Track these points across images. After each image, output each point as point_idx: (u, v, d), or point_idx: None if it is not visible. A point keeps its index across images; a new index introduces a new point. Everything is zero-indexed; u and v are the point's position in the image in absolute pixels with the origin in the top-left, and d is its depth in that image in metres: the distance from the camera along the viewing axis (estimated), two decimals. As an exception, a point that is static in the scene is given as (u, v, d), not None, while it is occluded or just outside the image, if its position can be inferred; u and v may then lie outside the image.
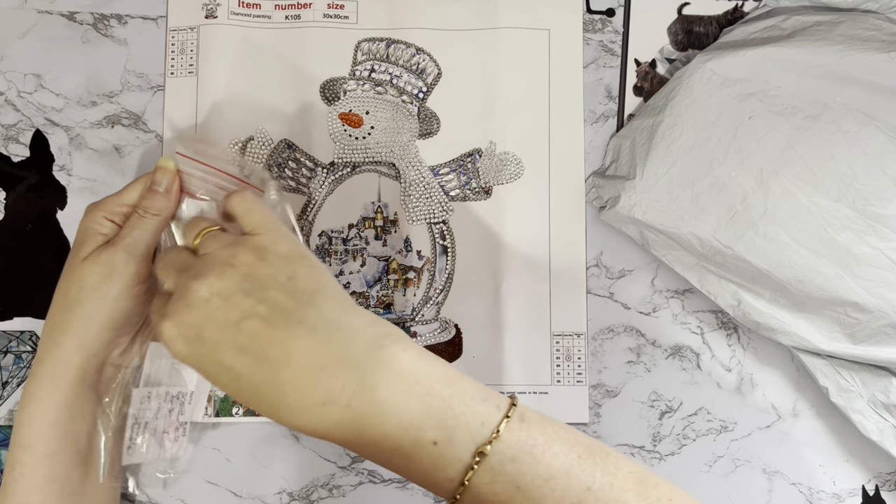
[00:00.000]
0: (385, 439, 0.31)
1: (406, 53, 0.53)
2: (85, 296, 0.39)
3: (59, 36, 0.52)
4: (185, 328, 0.32)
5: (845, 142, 0.44)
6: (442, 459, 0.31)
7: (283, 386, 0.31)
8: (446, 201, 0.52)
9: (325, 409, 0.31)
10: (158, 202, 0.41)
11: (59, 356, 0.40)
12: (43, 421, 0.40)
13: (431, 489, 0.32)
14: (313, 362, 0.31)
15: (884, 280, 0.44)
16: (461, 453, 0.31)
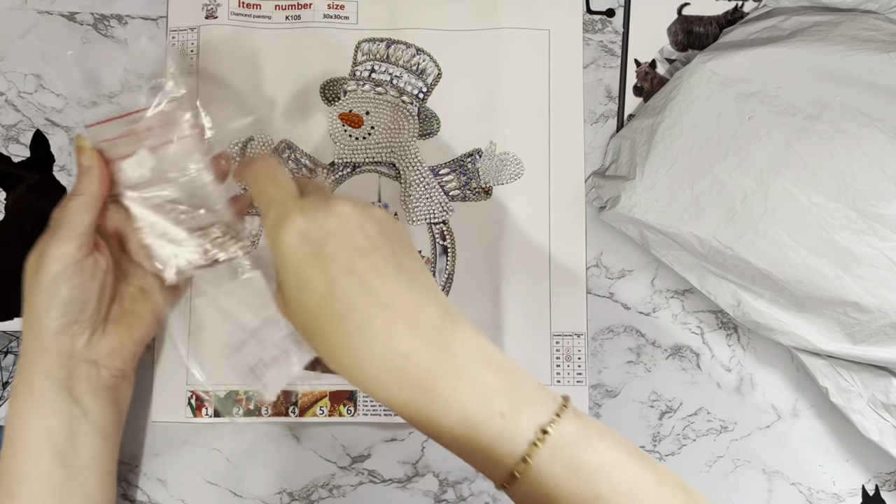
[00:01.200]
0: (455, 407, 0.31)
1: (406, 54, 0.53)
2: (27, 287, 0.40)
3: (60, 36, 0.52)
4: (315, 227, 0.33)
5: (845, 142, 0.44)
6: (508, 432, 0.31)
7: (374, 324, 0.31)
8: (446, 201, 0.52)
9: (404, 361, 0.31)
10: (80, 181, 0.40)
11: (23, 351, 0.41)
12: (20, 416, 0.40)
13: (489, 467, 0.32)
14: (409, 314, 0.32)
15: (884, 280, 0.44)
16: (525, 430, 0.31)
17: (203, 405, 0.50)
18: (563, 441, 0.32)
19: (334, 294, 0.32)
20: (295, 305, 0.33)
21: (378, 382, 0.32)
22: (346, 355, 0.32)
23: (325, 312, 0.32)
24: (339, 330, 0.32)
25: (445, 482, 0.50)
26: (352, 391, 0.50)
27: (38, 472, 0.40)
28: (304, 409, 0.50)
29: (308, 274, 0.32)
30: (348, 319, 0.32)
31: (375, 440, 0.51)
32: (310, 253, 0.32)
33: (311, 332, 0.33)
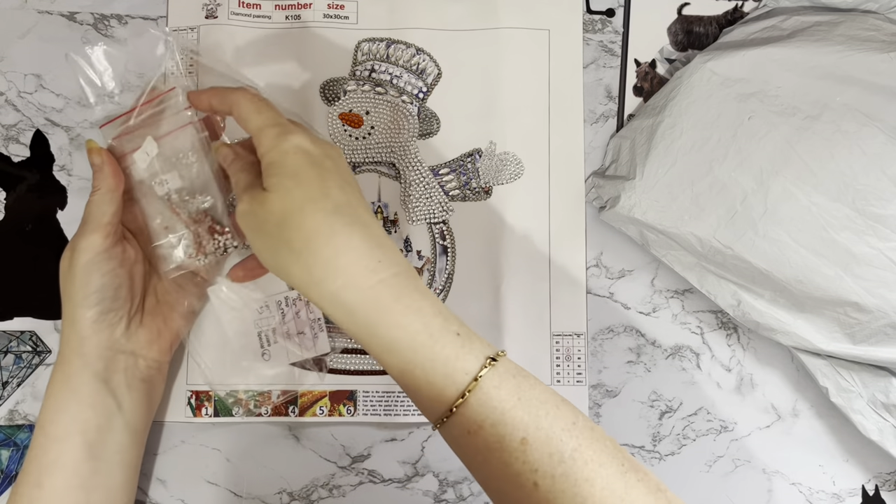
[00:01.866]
0: (417, 317, 0.34)
1: (406, 53, 0.53)
2: (63, 282, 0.42)
3: (60, 36, 0.52)
4: (316, 146, 0.38)
5: (845, 142, 0.44)
6: (463, 350, 0.34)
7: (357, 231, 0.35)
8: (446, 201, 0.52)
9: (377, 265, 0.35)
10: (95, 179, 0.42)
11: (63, 342, 0.42)
12: (54, 404, 0.41)
13: (437, 390, 0.34)
14: (384, 238, 0.37)
15: (884, 280, 0.44)
16: (476, 352, 0.34)
17: (203, 405, 0.50)
18: (508, 371, 0.34)
19: (328, 195, 0.36)
20: (283, 193, 0.36)
21: (345, 279, 0.34)
22: (320, 249, 0.35)
23: (315, 205, 0.35)
24: (324, 224, 0.35)
25: (445, 482, 0.50)
26: (352, 391, 0.50)
27: (67, 463, 0.41)
28: (303, 409, 0.50)
29: (306, 174, 0.36)
30: (335, 217, 0.35)
31: (375, 440, 0.51)
32: (310, 161, 0.37)
33: (289, 220, 0.35)
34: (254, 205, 0.37)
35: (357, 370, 0.51)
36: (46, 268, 0.50)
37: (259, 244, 0.37)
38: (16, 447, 0.49)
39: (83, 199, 0.50)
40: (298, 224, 0.35)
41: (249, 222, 0.37)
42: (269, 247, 0.36)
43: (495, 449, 0.33)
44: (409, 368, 0.34)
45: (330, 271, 0.35)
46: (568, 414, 0.33)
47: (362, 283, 0.35)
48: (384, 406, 0.50)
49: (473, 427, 0.33)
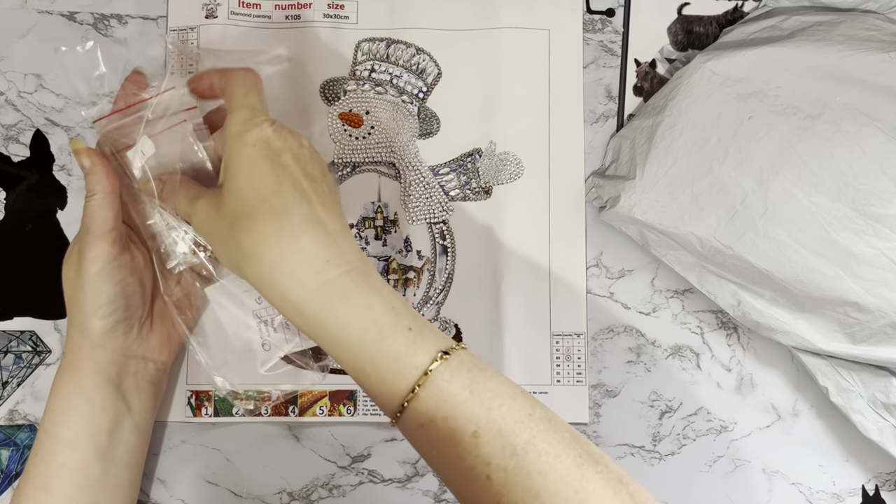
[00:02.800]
0: (367, 313, 0.34)
1: (406, 53, 0.53)
2: (69, 289, 0.41)
3: (59, 36, 0.52)
4: (278, 139, 0.36)
5: (845, 142, 0.44)
6: (413, 345, 0.34)
7: (307, 230, 0.34)
8: (446, 201, 0.52)
9: (325, 265, 0.34)
10: (88, 183, 0.41)
11: (71, 348, 0.42)
12: (62, 407, 0.41)
13: (389, 384, 0.34)
14: (340, 234, 0.36)
15: (884, 280, 0.44)
16: (428, 347, 0.34)
17: (203, 405, 0.50)
18: (461, 364, 0.34)
19: (280, 193, 0.35)
20: (235, 194, 0.35)
21: (291, 282, 0.34)
22: (267, 252, 0.34)
23: (264, 205, 0.34)
24: (271, 226, 0.34)
25: (445, 482, 0.50)
26: (352, 391, 0.50)
27: (76, 466, 0.40)
28: (303, 408, 0.50)
29: (261, 169, 0.35)
30: (283, 218, 0.34)
31: (375, 440, 0.51)
32: (267, 155, 0.35)
33: (239, 222, 0.35)
34: (209, 210, 0.36)
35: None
36: (46, 268, 0.50)
37: (216, 248, 0.37)
38: (16, 447, 0.49)
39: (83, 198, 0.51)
40: (247, 227, 0.34)
41: (206, 228, 0.37)
42: (224, 251, 0.36)
43: (447, 442, 0.32)
44: (360, 365, 0.34)
45: (277, 274, 0.34)
46: (524, 406, 0.33)
47: (309, 284, 0.34)
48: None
49: (425, 421, 0.33)
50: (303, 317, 0.35)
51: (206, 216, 0.37)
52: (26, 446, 0.49)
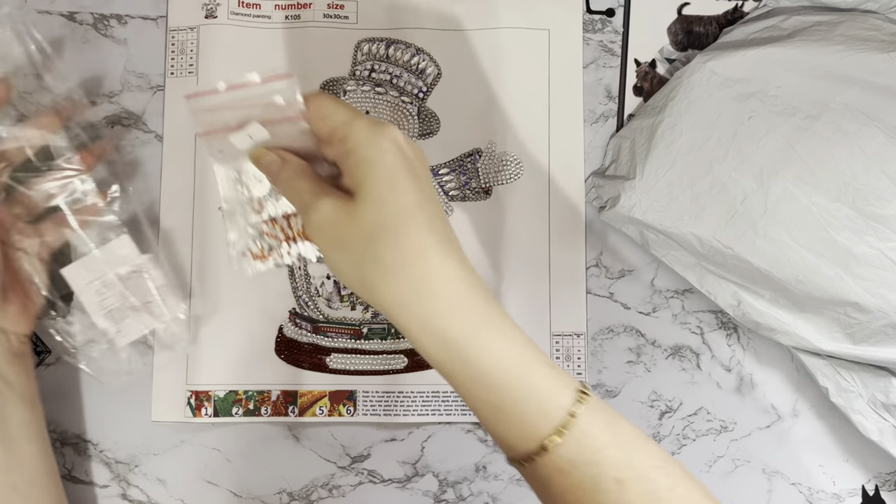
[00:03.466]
0: (512, 342, 0.32)
1: (406, 53, 0.53)
2: None
3: (59, 36, 0.52)
4: (409, 147, 0.34)
5: (845, 142, 0.44)
6: (556, 383, 0.32)
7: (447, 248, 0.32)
8: (446, 201, 0.52)
9: (471, 288, 0.32)
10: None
11: None
12: None
13: (530, 422, 0.31)
14: (462, 253, 0.33)
15: (884, 280, 0.44)
16: (568, 387, 0.32)
17: (203, 405, 0.50)
18: (597, 406, 0.32)
19: (424, 208, 0.32)
20: (376, 204, 0.32)
21: (438, 304, 0.32)
22: (414, 269, 0.32)
23: (410, 219, 0.32)
24: (419, 241, 0.32)
25: (445, 482, 0.50)
26: (352, 391, 0.50)
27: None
28: (303, 409, 0.50)
29: (403, 180, 0.32)
30: (430, 234, 0.32)
31: (375, 440, 0.51)
32: (405, 164, 0.32)
33: (381, 234, 0.32)
34: (338, 214, 0.32)
35: (357, 370, 0.51)
36: (46, 268, 0.50)
37: (338, 258, 0.33)
38: (15, 447, 0.49)
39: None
40: (393, 241, 0.31)
41: (329, 233, 0.33)
42: (352, 262, 0.33)
43: (589, 490, 0.31)
44: (497, 402, 0.31)
45: (423, 294, 0.31)
46: (657, 450, 0.32)
47: (455, 308, 0.32)
48: (384, 406, 0.50)
49: (566, 466, 0.31)
50: (443, 344, 0.32)
51: (331, 220, 0.33)
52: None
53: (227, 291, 0.50)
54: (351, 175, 0.33)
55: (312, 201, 0.33)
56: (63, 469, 0.50)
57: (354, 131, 0.33)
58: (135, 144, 0.52)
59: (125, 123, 0.52)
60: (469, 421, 0.51)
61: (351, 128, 0.33)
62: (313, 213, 0.33)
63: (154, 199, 0.51)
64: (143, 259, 0.47)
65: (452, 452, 0.50)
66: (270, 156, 0.36)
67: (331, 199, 0.33)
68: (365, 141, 0.32)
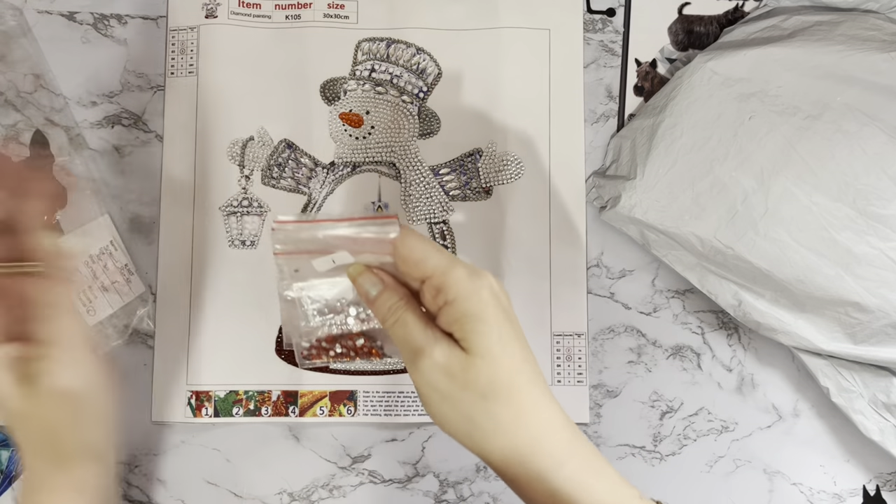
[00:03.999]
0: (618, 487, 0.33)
1: (406, 53, 0.53)
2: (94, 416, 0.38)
3: (59, 36, 0.52)
4: (501, 290, 0.33)
5: (846, 142, 0.44)
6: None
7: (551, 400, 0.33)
8: (446, 201, 0.52)
9: (574, 435, 0.33)
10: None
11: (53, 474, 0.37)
12: None
13: None
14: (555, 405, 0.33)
15: (884, 280, 0.44)
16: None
17: (203, 405, 0.49)
18: None
19: (528, 360, 0.33)
20: (491, 362, 0.31)
21: (549, 461, 0.32)
22: (530, 426, 0.32)
23: (521, 376, 0.32)
24: (530, 398, 0.32)
25: (445, 482, 0.50)
26: (352, 391, 0.50)
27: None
28: (304, 409, 0.50)
29: (508, 335, 0.32)
30: (537, 387, 0.32)
31: (375, 440, 0.51)
32: (505, 315, 0.32)
33: (497, 393, 0.32)
34: (452, 366, 0.31)
35: (357, 370, 0.50)
36: (46, 268, 0.50)
37: (447, 409, 0.32)
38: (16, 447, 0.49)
39: (83, 198, 0.51)
40: (506, 399, 0.31)
41: (441, 384, 0.32)
42: (462, 415, 0.32)
43: None
44: None
45: (536, 450, 0.32)
46: None
47: (566, 462, 0.32)
48: (384, 406, 0.50)
49: None
50: (552, 495, 0.32)
51: (444, 371, 0.31)
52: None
53: (228, 291, 0.50)
54: (453, 326, 0.32)
55: (426, 345, 0.32)
56: (63, 469, 0.50)
57: (453, 282, 0.32)
58: (135, 145, 0.52)
59: (125, 123, 0.52)
60: (469, 421, 0.50)
61: (449, 277, 0.32)
62: (426, 359, 0.32)
63: (154, 199, 0.51)
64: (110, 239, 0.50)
65: (453, 453, 0.50)
66: (372, 277, 0.34)
67: (444, 346, 0.32)
68: (466, 293, 0.32)
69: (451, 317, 0.32)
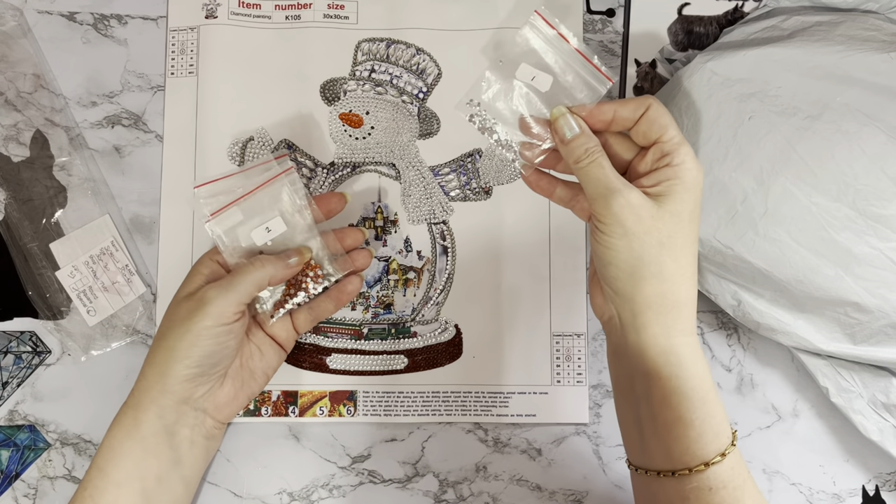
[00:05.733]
0: (707, 373, 0.37)
1: (406, 53, 0.53)
2: (170, 329, 0.41)
3: (59, 36, 0.52)
4: None
5: (845, 142, 0.44)
6: (724, 413, 0.37)
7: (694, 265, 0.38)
8: (446, 201, 0.52)
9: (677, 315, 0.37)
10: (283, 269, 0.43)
11: (142, 388, 0.41)
12: (118, 447, 0.41)
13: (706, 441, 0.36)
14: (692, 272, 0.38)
15: (884, 280, 0.44)
16: (728, 421, 0.37)
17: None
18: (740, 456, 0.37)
19: (695, 242, 0.38)
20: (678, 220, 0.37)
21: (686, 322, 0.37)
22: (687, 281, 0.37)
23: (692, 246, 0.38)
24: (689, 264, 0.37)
25: (445, 482, 0.50)
26: (352, 391, 0.50)
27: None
28: (303, 409, 0.50)
29: (696, 213, 0.38)
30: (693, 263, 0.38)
31: (375, 440, 0.51)
32: (700, 200, 0.38)
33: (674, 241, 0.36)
34: (643, 209, 0.36)
35: (357, 370, 0.51)
36: (46, 268, 0.50)
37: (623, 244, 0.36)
38: (16, 447, 0.49)
39: (83, 198, 0.51)
40: (678, 253, 0.37)
41: (628, 221, 0.36)
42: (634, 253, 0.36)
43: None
44: (689, 415, 0.36)
45: (677, 306, 0.37)
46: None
47: (690, 326, 0.38)
48: (384, 406, 0.50)
49: (717, 485, 0.35)
50: (670, 351, 0.37)
51: (632, 216, 0.36)
52: (26, 447, 0.49)
53: None
54: (663, 182, 0.37)
55: (623, 187, 0.36)
56: (63, 469, 0.50)
57: (685, 152, 0.37)
58: (135, 145, 0.52)
59: (125, 123, 0.52)
60: (469, 421, 0.51)
61: (683, 147, 0.37)
62: (620, 198, 0.36)
63: (154, 199, 0.52)
64: (111, 240, 0.51)
65: (453, 452, 0.51)
66: (572, 120, 0.38)
67: (639, 193, 0.36)
68: (691, 164, 0.37)
69: (665, 176, 0.37)
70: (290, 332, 0.47)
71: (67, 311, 0.50)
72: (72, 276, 0.50)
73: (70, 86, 0.52)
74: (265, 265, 0.42)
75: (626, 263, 0.36)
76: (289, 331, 0.46)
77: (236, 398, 0.45)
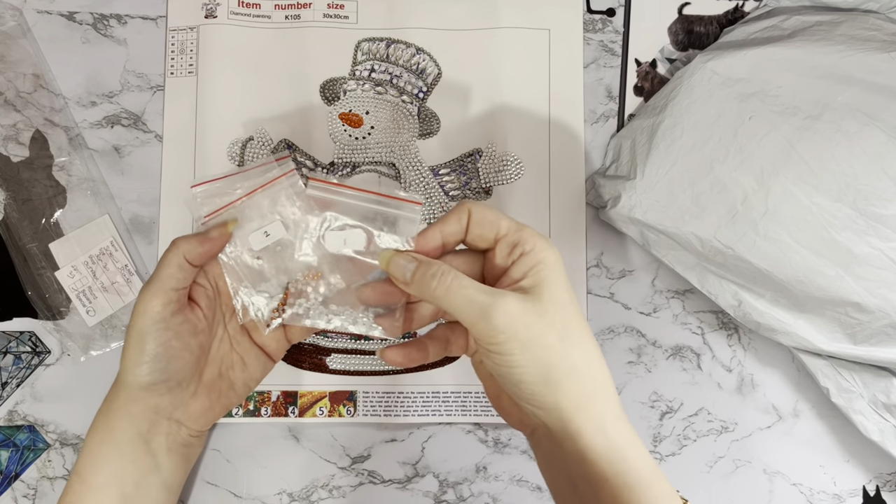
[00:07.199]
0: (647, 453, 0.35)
1: (406, 53, 0.53)
2: (127, 331, 0.40)
3: (59, 36, 0.52)
4: None
5: (846, 142, 0.44)
6: (666, 479, 0.35)
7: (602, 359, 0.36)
8: (446, 201, 0.52)
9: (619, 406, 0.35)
10: (194, 244, 0.39)
11: (111, 394, 0.41)
12: (95, 454, 0.40)
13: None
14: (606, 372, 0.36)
15: (885, 280, 0.44)
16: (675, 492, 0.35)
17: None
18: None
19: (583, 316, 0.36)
20: (562, 308, 0.34)
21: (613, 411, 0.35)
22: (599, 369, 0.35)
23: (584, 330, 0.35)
24: (594, 345, 0.35)
25: (445, 483, 0.50)
26: (352, 392, 0.50)
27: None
28: (303, 409, 0.50)
29: (572, 295, 0.35)
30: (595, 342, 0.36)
31: (375, 441, 0.50)
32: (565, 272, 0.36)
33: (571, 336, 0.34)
34: (527, 314, 0.33)
35: (357, 371, 0.50)
36: (46, 268, 0.50)
37: (527, 357, 0.33)
38: (15, 448, 0.49)
39: (82, 198, 0.51)
40: (580, 341, 0.34)
41: (521, 332, 0.33)
42: (541, 361, 0.33)
43: None
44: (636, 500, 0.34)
45: (600, 397, 0.34)
46: None
47: (620, 412, 0.35)
48: (384, 406, 0.50)
49: None
50: (611, 446, 0.34)
51: (522, 325, 0.33)
52: (25, 447, 0.49)
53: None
54: (528, 273, 0.34)
55: (496, 299, 0.33)
56: (63, 469, 0.50)
57: (529, 236, 0.35)
58: (135, 145, 0.52)
59: (125, 123, 0.52)
60: (469, 421, 0.50)
61: (525, 232, 0.35)
62: (500, 312, 0.33)
63: (154, 199, 0.51)
64: (110, 240, 0.50)
65: (453, 453, 0.50)
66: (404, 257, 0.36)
67: (514, 297, 0.33)
68: (542, 244, 0.35)
69: (527, 265, 0.34)
70: (281, 342, 0.44)
71: (67, 311, 0.50)
72: (71, 276, 0.50)
73: (69, 86, 0.52)
74: (178, 243, 0.39)
75: (538, 375, 0.33)
76: (280, 340, 0.44)
77: (212, 409, 0.43)
